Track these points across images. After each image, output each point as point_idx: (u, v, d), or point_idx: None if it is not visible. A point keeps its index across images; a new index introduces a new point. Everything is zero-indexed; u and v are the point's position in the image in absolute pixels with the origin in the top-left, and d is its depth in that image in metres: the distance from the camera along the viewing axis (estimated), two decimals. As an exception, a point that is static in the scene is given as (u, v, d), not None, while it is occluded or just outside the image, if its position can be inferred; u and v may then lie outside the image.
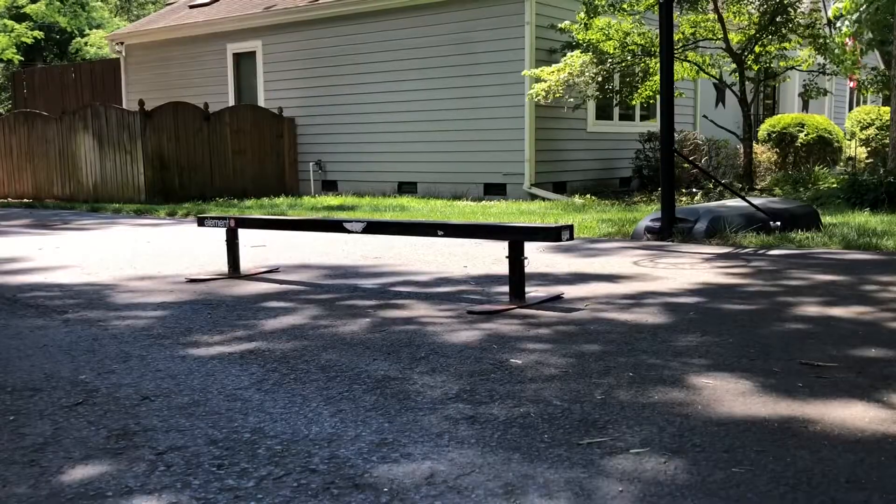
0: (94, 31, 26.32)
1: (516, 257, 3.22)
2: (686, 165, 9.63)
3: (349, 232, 3.68)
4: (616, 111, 11.76)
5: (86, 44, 26.09)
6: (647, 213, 6.37)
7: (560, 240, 3.12)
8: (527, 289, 3.31)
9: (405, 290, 3.67)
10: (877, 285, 3.59)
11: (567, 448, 1.66)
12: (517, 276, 3.24)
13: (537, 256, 4.53)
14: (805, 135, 12.35)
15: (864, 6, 8.77)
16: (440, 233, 3.63)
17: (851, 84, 12.50)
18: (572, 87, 9.66)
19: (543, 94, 9.50)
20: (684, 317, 2.95)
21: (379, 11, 11.33)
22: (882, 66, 11.47)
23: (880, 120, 14.69)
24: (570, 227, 3.17)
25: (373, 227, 3.72)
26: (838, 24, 9.56)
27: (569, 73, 9.43)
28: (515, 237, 3.25)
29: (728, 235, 5.23)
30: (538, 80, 9.72)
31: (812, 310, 3.06)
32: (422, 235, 4.86)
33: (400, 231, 4.37)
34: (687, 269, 4.11)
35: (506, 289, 3.57)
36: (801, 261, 4.41)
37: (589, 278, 3.90)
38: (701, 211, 5.58)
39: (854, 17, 9.02)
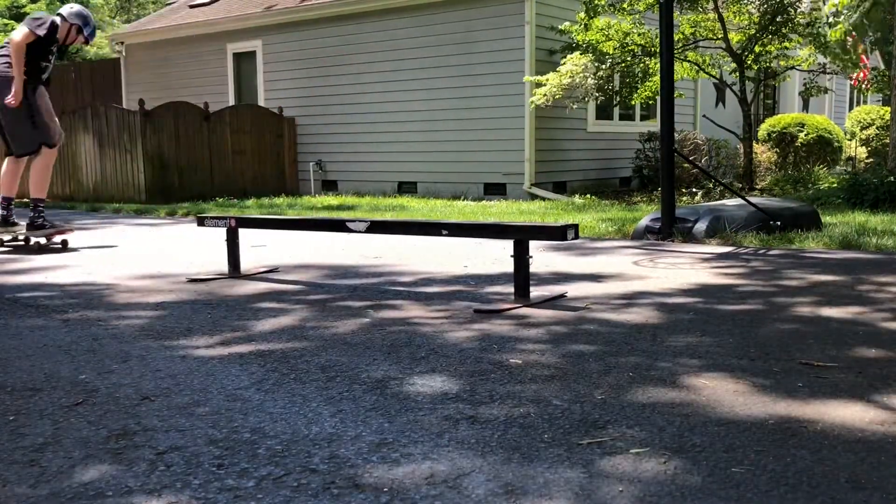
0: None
1: (521, 256, 3.21)
2: (686, 165, 9.63)
3: (352, 231, 3.68)
4: (616, 111, 11.76)
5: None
6: (648, 213, 6.37)
7: (566, 238, 3.12)
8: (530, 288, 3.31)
9: (406, 290, 3.67)
10: (876, 285, 3.59)
11: (567, 448, 1.66)
12: (522, 274, 3.24)
13: (538, 256, 4.53)
14: (805, 135, 12.35)
15: (861, 3, 8.75)
16: (444, 232, 3.62)
17: (853, 82, 12.48)
18: (573, 91, 9.67)
19: (544, 99, 9.51)
20: (684, 317, 2.95)
21: (379, 11, 11.33)
22: (882, 66, 11.46)
23: (880, 120, 14.69)
24: (575, 227, 3.17)
25: (376, 227, 3.72)
26: (831, 20, 9.53)
27: (570, 78, 9.44)
28: (521, 236, 3.25)
29: (728, 235, 5.24)
30: (539, 85, 9.72)
31: (811, 310, 3.06)
32: (425, 235, 4.86)
33: (403, 231, 4.37)
34: (687, 269, 4.11)
35: (505, 288, 3.57)
36: (801, 261, 4.41)
37: (589, 278, 3.90)
38: (701, 211, 5.58)
39: (854, 16, 8.99)
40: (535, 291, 3.39)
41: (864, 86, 10.95)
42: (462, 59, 10.59)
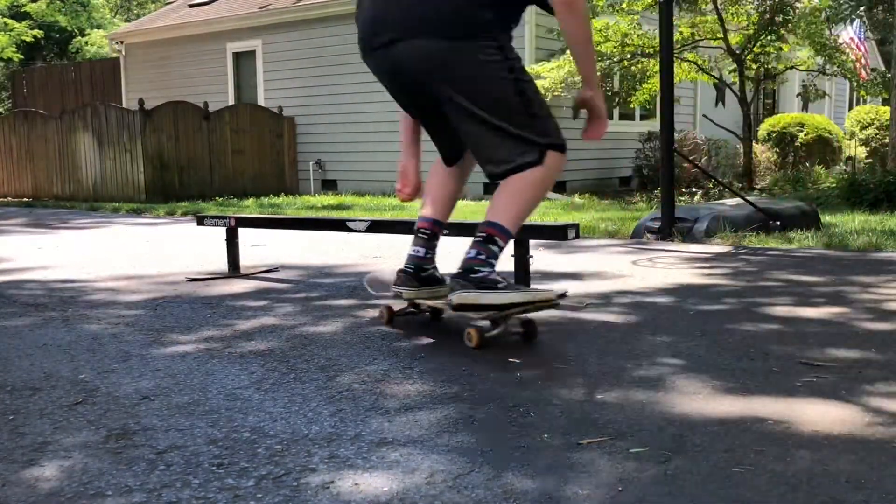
0: (95, 30, 26.30)
1: (522, 255, 3.21)
2: (686, 165, 9.63)
3: (352, 231, 3.67)
4: (616, 111, 11.75)
5: (86, 43, 26.08)
6: (647, 213, 6.37)
7: (567, 238, 3.12)
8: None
9: (405, 290, 3.67)
10: (876, 285, 3.59)
11: (567, 448, 1.65)
12: (523, 274, 3.24)
13: (538, 255, 4.52)
14: (805, 134, 12.35)
15: None
16: (445, 231, 3.62)
17: (860, 75, 12.48)
18: (571, 88, 9.66)
19: (543, 91, 9.50)
20: (684, 316, 2.95)
21: (379, 11, 11.30)
22: (882, 67, 11.48)
23: (879, 120, 14.70)
24: (576, 226, 3.17)
25: (376, 226, 3.71)
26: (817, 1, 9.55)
27: (568, 69, 9.43)
28: (521, 235, 3.24)
29: (728, 235, 5.24)
30: (537, 77, 9.71)
31: (811, 310, 3.05)
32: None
33: (404, 230, 4.36)
34: (686, 269, 4.11)
35: (505, 288, 3.56)
36: (800, 260, 4.41)
37: (588, 277, 3.90)
38: (701, 211, 5.58)
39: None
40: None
41: (861, 87, 10.93)
42: (462, 58, 10.57)
